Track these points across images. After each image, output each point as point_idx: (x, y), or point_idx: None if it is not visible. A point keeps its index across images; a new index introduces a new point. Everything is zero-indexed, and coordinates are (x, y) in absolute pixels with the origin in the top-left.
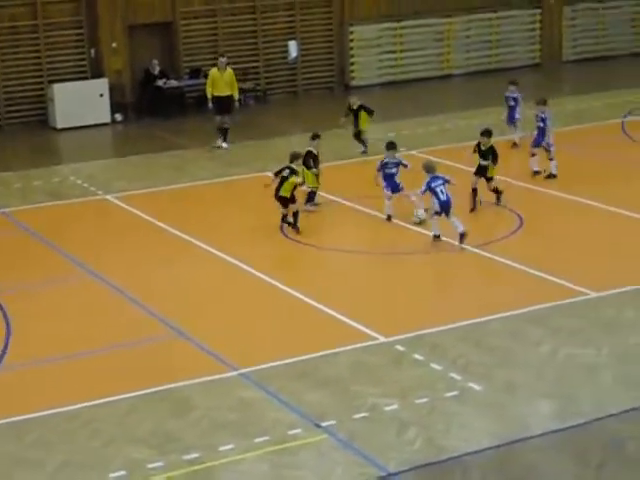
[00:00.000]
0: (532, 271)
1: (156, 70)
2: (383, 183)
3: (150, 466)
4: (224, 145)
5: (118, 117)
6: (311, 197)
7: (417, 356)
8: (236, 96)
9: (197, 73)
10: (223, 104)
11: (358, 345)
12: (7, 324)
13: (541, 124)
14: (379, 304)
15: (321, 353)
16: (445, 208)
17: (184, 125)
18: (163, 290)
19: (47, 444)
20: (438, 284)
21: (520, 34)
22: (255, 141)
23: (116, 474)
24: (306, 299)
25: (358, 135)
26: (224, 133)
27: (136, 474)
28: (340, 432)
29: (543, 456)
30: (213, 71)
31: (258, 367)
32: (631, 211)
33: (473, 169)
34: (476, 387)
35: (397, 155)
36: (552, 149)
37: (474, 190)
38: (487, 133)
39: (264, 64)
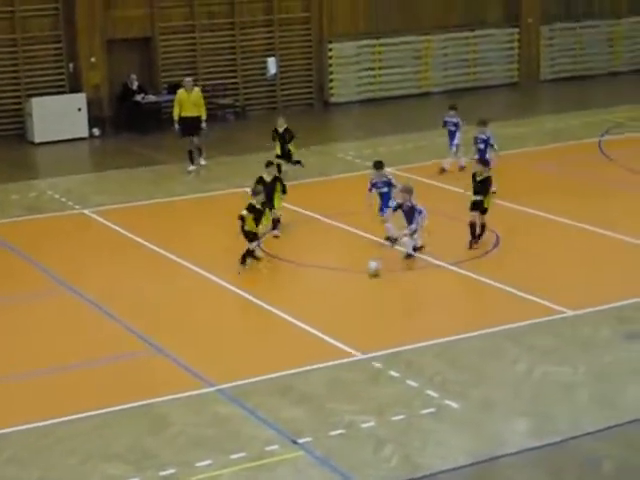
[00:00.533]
0: (509, 289)
1: (134, 85)
2: (378, 204)
3: None
4: (202, 162)
5: (96, 132)
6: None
7: (394, 373)
8: (204, 117)
9: (175, 88)
10: (190, 126)
11: (335, 362)
12: None
13: (481, 146)
14: (356, 321)
15: (298, 369)
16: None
17: (162, 140)
18: (140, 305)
19: (22, 461)
20: (415, 301)
21: (498, 53)
22: (233, 157)
23: None
24: (284, 315)
25: (289, 157)
26: (199, 151)
27: None
28: (317, 449)
29: (519, 474)
30: (180, 92)
31: (235, 383)
32: (607, 229)
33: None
34: (453, 404)
35: (386, 173)
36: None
37: (472, 225)
38: (484, 162)
39: (243, 80)
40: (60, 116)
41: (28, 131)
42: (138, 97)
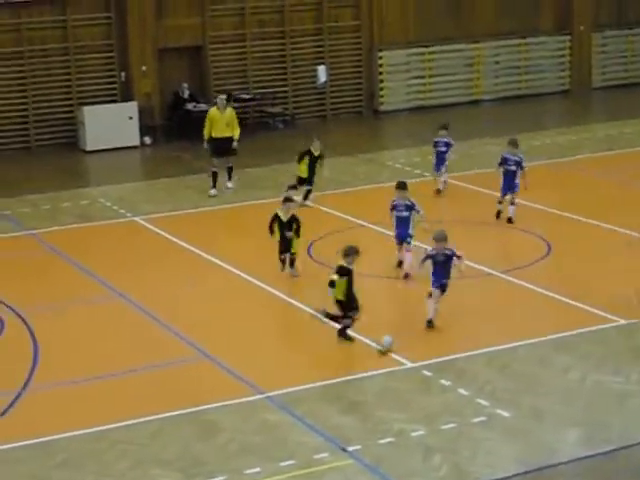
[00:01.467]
0: (560, 297)
1: (185, 94)
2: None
3: None
4: (230, 185)
5: (147, 140)
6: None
7: (444, 381)
8: (236, 137)
9: (230, 97)
10: (222, 147)
11: (385, 370)
12: (35, 345)
13: (513, 168)
14: (406, 330)
15: (348, 377)
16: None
17: None
18: (189, 311)
19: (75, 465)
20: (465, 310)
21: (549, 60)
22: (282, 165)
23: None
24: (332, 323)
25: (302, 181)
26: (229, 171)
27: None
28: (366, 457)
29: None
30: (212, 110)
31: (285, 390)
32: None
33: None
34: (503, 413)
35: (408, 196)
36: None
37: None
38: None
39: (292, 88)
40: (112, 124)
41: (80, 139)
42: (189, 106)
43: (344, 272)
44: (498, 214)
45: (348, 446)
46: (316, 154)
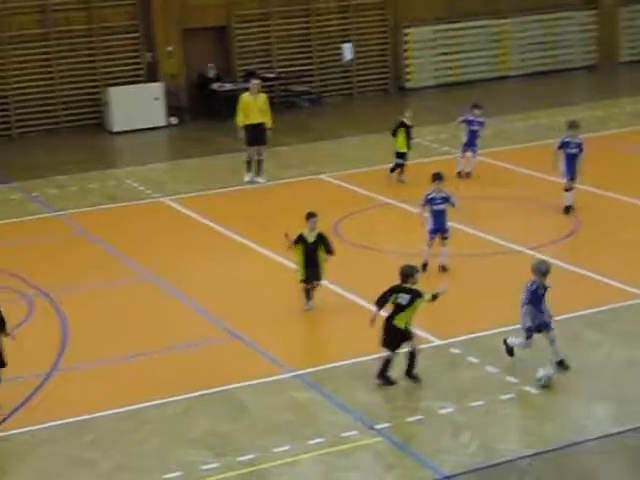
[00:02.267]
0: (589, 274)
1: (211, 73)
2: (428, 222)
3: (204, 467)
4: (260, 180)
5: (173, 120)
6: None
7: (472, 359)
8: (269, 124)
9: (252, 76)
10: (257, 134)
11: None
12: (64, 326)
13: (575, 151)
14: (434, 307)
15: (376, 355)
16: None
17: None
18: (218, 291)
19: (104, 444)
20: (492, 286)
21: (576, 35)
22: (310, 144)
23: (171, 475)
24: (360, 301)
25: (401, 155)
26: (259, 164)
27: (191, 476)
28: (395, 435)
29: (600, 460)
30: (244, 96)
31: (312, 368)
32: None
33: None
34: (532, 390)
35: (445, 189)
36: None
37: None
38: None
39: (318, 67)
40: (138, 105)
41: (106, 120)
42: (215, 85)
43: (416, 294)
44: (567, 209)
45: (377, 424)
46: (409, 124)
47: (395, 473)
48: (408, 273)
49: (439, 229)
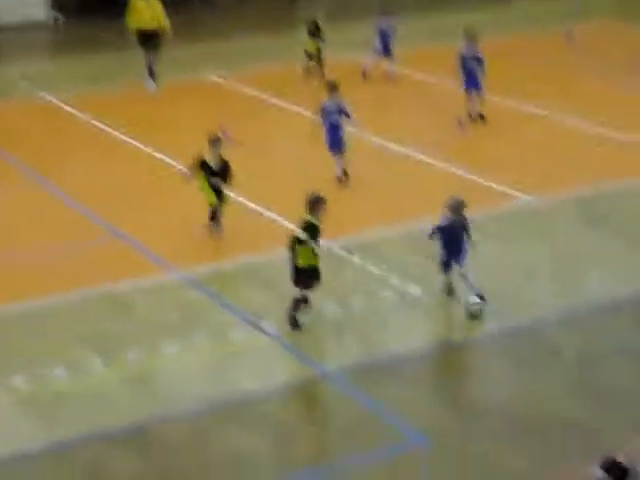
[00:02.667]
0: (468, 175)
1: None
2: (324, 134)
3: (91, 366)
4: (151, 86)
5: (59, 17)
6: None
7: (356, 259)
8: (164, 29)
9: None
10: (149, 39)
11: None
12: None
13: (473, 64)
14: None
15: (263, 255)
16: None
17: None
18: (104, 192)
19: None
20: (375, 187)
21: None
22: (201, 44)
23: (57, 373)
24: (250, 204)
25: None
26: (151, 73)
27: (77, 373)
28: (281, 335)
29: (481, 358)
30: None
31: (200, 269)
32: (568, 115)
33: None
34: (414, 290)
35: (340, 99)
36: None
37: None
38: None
39: None
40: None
41: None
42: None
43: (314, 230)
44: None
45: (262, 322)
46: (320, 25)
47: (281, 371)
48: (311, 201)
49: (332, 142)
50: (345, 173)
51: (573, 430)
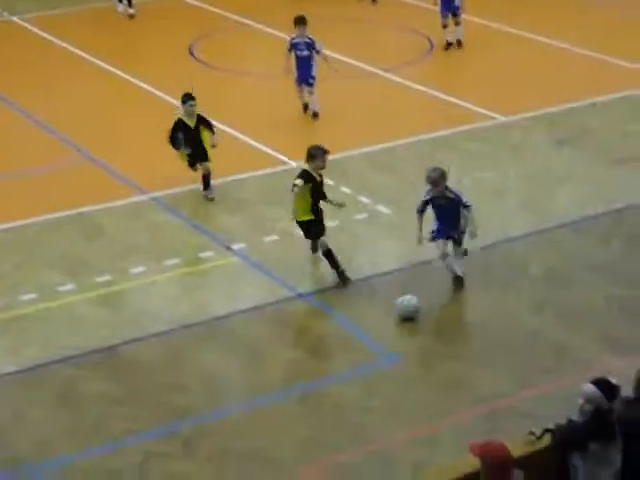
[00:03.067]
0: (441, 95)
1: None
2: (296, 72)
3: (61, 289)
4: (130, 11)
5: None
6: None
7: (327, 180)
8: None
9: None
10: None
11: (268, 170)
12: None
13: None
14: (289, 129)
15: (232, 177)
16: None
17: None
18: (71, 114)
19: None
20: (346, 109)
21: None
22: None
23: (27, 297)
24: (219, 125)
25: None
26: None
27: (46, 297)
28: (251, 255)
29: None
30: None
31: (169, 191)
32: (542, 36)
33: None
34: (384, 210)
35: (308, 33)
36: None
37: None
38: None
39: None
40: None
41: None
42: None
43: (307, 178)
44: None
45: (233, 244)
46: None
47: (251, 291)
48: (310, 155)
49: (302, 76)
50: (306, 108)
51: (542, 346)
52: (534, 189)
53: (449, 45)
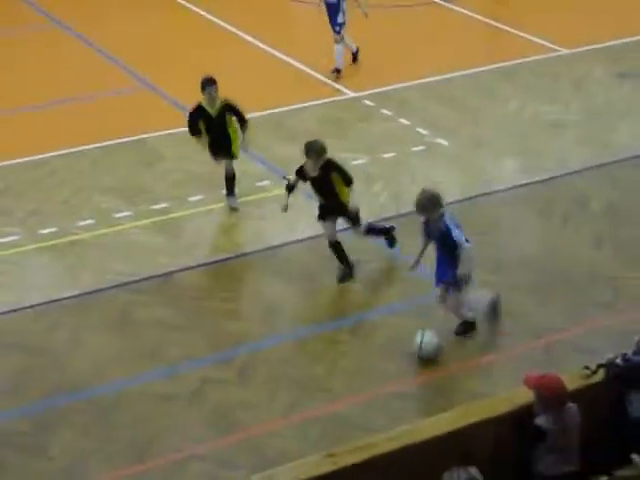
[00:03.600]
0: (502, 26)
1: None
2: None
3: (118, 215)
4: None
5: None
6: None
7: (385, 111)
8: None
9: None
10: None
11: (327, 100)
12: None
13: None
14: (347, 60)
15: (290, 107)
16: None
17: None
18: (134, 43)
19: (17, 192)
20: (405, 39)
21: None
22: None
23: (84, 222)
24: (279, 54)
25: None
26: None
27: (104, 222)
28: (305, 186)
29: (509, 209)
30: None
31: None
32: None
33: None
34: (443, 142)
35: None
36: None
37: None
38: None
39: None
40: None
41: None
42: None
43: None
44: None
45: (290, 174)
46: None
47: (306, 222)
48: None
49: (334, 26)
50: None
51: (600, 281)
52: (594, 123)
53: None
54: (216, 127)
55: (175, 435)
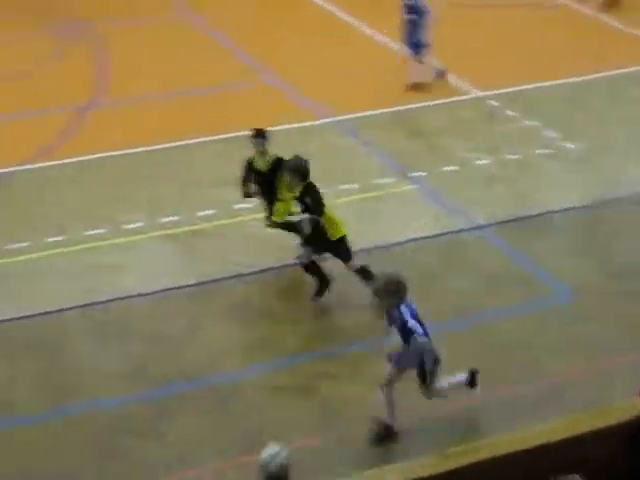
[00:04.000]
0: (636, 32)
1: None
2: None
3: (237, 207)
4: None
5: None
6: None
7: (511, 112)
8: None
9: None
10: None
11: (452, 99)
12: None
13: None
14: (475, 58)
15: (417, 105)
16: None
17: None
18: (262, 37)
19: (134, 180)
20: (535, 42)
21: None
22: None
23: (203, 213)
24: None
25: None
26: None
27: (225, 214)
28: (429, 183)
29: (632, 214)
30: None
31: (352, 115)
32: None
33: None
34: (570, 146)
35: None
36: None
37: None
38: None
39: None
40: None
41: None
42: None
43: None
44: None
45: (412, 172)
46: None
47: (426, 219)
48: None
49: (411, 45)
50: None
51: None
52: None
53: None
54: (268, 184)
55: (284, 427)
